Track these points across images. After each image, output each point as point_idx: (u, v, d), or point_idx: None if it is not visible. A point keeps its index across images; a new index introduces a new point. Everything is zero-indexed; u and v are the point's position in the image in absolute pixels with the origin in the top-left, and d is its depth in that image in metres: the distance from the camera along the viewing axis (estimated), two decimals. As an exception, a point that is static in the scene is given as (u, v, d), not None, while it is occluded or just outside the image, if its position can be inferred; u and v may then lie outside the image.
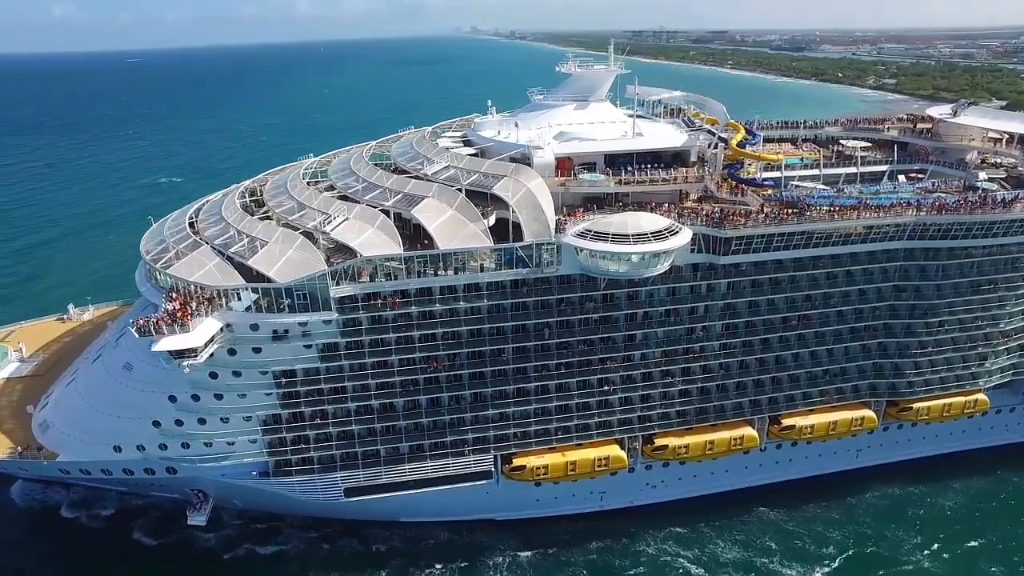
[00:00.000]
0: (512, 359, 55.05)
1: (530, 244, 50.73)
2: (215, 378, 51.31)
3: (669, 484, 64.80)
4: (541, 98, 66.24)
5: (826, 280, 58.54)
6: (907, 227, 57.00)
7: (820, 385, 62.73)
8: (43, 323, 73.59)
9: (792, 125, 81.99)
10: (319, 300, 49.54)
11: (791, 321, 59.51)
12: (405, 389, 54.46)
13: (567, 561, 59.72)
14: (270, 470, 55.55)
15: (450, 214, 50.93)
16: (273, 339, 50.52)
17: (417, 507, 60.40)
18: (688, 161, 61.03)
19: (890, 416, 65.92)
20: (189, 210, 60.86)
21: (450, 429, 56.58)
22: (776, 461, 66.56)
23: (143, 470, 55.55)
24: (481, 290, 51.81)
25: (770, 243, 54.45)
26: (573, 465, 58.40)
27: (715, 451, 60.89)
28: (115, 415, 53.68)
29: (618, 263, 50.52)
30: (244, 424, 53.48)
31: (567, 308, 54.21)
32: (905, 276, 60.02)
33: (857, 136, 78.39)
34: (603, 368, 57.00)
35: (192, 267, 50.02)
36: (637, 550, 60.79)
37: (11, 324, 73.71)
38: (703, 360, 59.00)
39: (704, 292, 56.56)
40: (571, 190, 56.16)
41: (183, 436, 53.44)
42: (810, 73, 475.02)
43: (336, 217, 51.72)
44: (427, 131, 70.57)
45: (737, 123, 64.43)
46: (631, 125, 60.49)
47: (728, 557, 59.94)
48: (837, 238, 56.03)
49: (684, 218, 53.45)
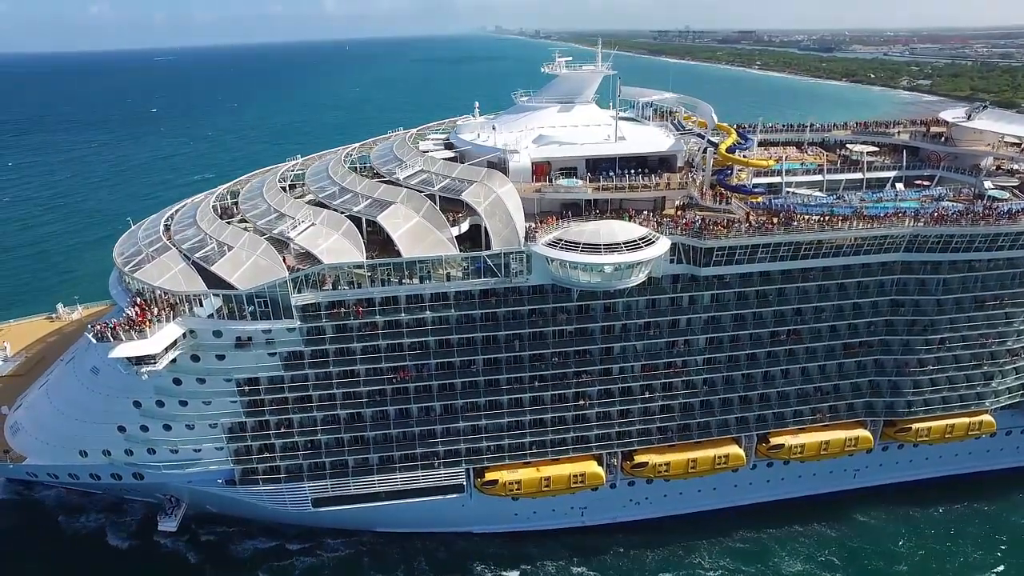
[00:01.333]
0: (483, 371, 53.32)
1: (498, 253, 48.91)
2: (179, 384, 50.51)
3: (654, 501, 62.47)
4: (526, 100, 64.35)
5: (817, 293, 55.64)
6: (904, 238, 53.84)
7: (812, 403, 59.78)
8: (31, 322, 73.84)
9: (798, 128, 78.77)
10: (281, 308, 48.34)
11: (780, 336, 56.74)
12: (372, 399, 53.08)
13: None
14: (236, 479, 54.64)
15: (416, 221, 49.37)
16: (236, 346, 49.50)
17: (392, 518, 59.08)
18: (674, 166, 58.53)
19: (887, 436, 62.61)
20: (167, 213, 60.19)
21: (420, 441, 55.07)
22: (767, 480, 63.75)
23: (110, 475, 55.07)
24: (448, 299, 50.18)
25: (754, 254, 51.80)
26: (547, 481, 56.42)
27: (698, 470, 58.38)
28: (81, 419, 53.25)
29: (590, 274, 48.43)
30: (210, 431, 52.63)
31: (539, 319, 52.23)
32: (903, 290, 56.80)
33: (866, 140, 74.99)
34: (579, 382, 54.94)
35: (157, 272, 49.09)
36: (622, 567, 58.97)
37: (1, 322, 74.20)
38: (686, 375, 56.57)
39: (686, 304, 54.13)
40: (547, 196, 54.19)
41: (149, 442, 52.80)
42: (841, 74, 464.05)
43: (302, 222, 50.51)
44: (412, 133, 69.14)
45: (728, 126, 61.61)
46: (614, 128, 58.06)
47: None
48: (828, 249, 53.13)
49: (663, 227, 51.09)
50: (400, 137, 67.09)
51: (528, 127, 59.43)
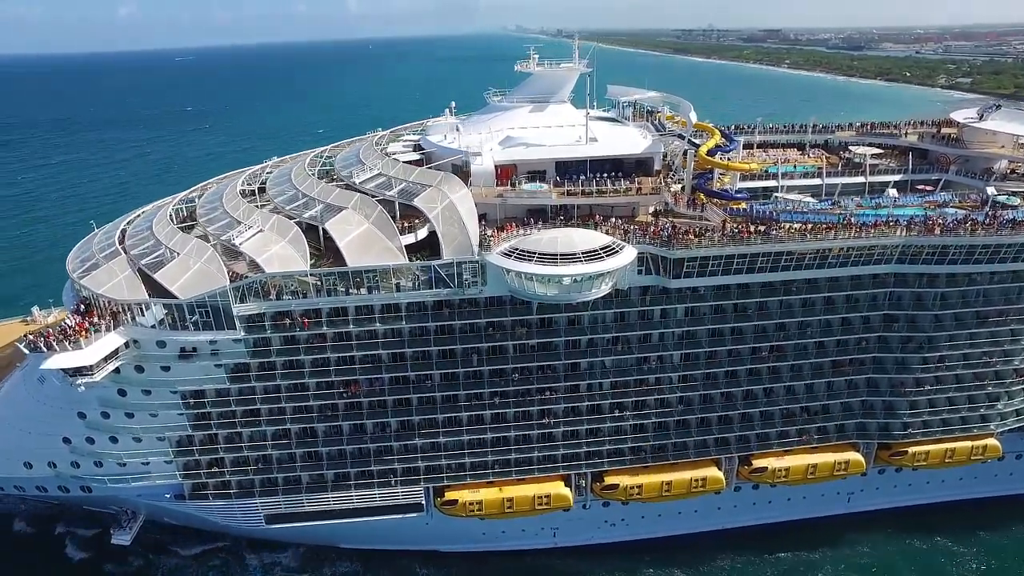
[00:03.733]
0: (439, 386, 50.58)
1: (450, 262, 46.09)
2: (124, 396, 48.76)
3: (630, 523, 59.12)
4: (498, 99, 61.32)
5: (802, 307, 51.73)
6: (896, 249, 49.65)
7: (798, 423, 55.84)
8: (6, 325, 72.92)
9: (800, 129, 74.48)
10: (223, 318, 46.16)
11: (761, 352, 52.95)
12: (324, 414, 50.72)
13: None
14: (186, 493, 52.75)
15: (365, 228, 46.77)
16: (181, 357, 47.48)
17: (353, 534, 56.80)
18: (652, 170, 55.06)
19: (882, 460, 58.32)
20: (128, 218, 58.54)
21: (375, 458, 52.55)
22: (753, 503, 59.93)
23: (56, 488, 53.60)
24: (400, 311, 47.49)
25: (729, 265, 48.11)
26: (510, 502, 53.48)
27: (673, 493, 54.86)
28: (26, 430, 51.71)
29: (546, 286, 45.30)
30: (157, 444, 50.80)
31: (497, 333, 49.29)
32: (897, 304, 52.54)
33: (872, 142, 70.38)
34: (543, 399, 51.85)
35: (102, 278, 47.35)
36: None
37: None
38: (659, 393, 53.09)
39: (657, 318, 50.69)
40: (509, 201, 51.15)
41: (95, 455, 51.15)
42: (874, 73, 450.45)
43: (249, 228, 48.29)
44: (386, 134, 66.68)
45: (712, 126, 57.79)
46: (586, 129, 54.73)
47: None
48: (812, 260, 49.16)
49: (630, 235, 47.69)
50: (373, 138, 64.70)
51: (496, 128, 56.38)
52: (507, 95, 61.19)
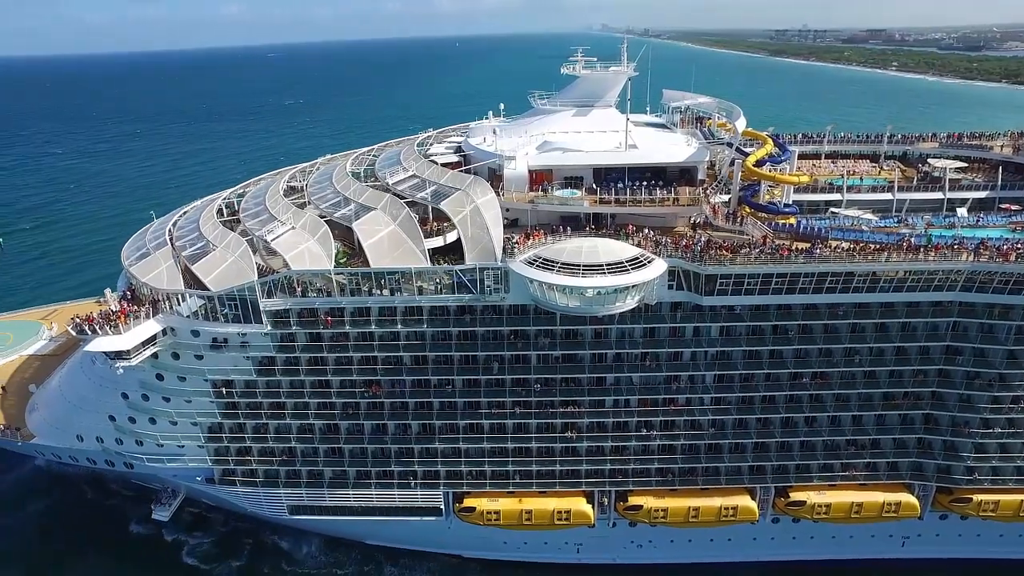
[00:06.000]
0: (461, 392, 50.00)
1: (472, 267, 45.33)
2: (161, 380, 50.95)
3: (659, 546, 56.66)
4: (543, 103, 59.93)
5: (850, 333, 47.73)
6: (960, 275, 44.89)
7: (843, 457, 51.71)
8: (81, 305, 77.93)
9: (874, 139, 69.27)
10: (251, 311, 47.33)
11: (802, 378, 49.30)
12: (346, 412, 51.21)
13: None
14: (216, 478, 54.64)
15: (391, 229, 46.73)
16: (212, 347, 49.09)
17: (377, 532, 57.36)
18: (695, 179, 52.35)
19: (941, 505, 53.15)
20: (183, 210, 61.20)
21: (396, 459, 52.65)
22: (793, 537, 56.07)
23: (104, 461, 56.77)
24: (422, 314, 47.18)
25: (767, 284, 44.93)
26: (528, 514, 52.28)
27: (700, 520, 52.03)
28: (79, 406, 55.16)
29: (568, 297, 43.76)
30: (191, 429, 52.84)
31: (520, 342, 48.17)
32: (962, 336, 47.57)
33: (959, 155, 64.41)
34: (566, 412, 50.32)
35: (146, 268, 49.65)
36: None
37: (58, 303, 79.31)
38: (690, 414, 50.43)
39: (689, 336, 48.11)
40: (539, 207, 49.81)
41: (136, 434, 53.80)
42: (999, 75, 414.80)
43: (282, 225, 49.29)
44: (432, 134, 66.70)
45: (764, 134, 54.23)
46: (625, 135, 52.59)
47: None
48: (861, 283, 45.18)
49: (661, 247, 45.40)
50: (418, 140, 64.88)
51: (535, 132, 55.16)
52: (551, 98, 59.74)
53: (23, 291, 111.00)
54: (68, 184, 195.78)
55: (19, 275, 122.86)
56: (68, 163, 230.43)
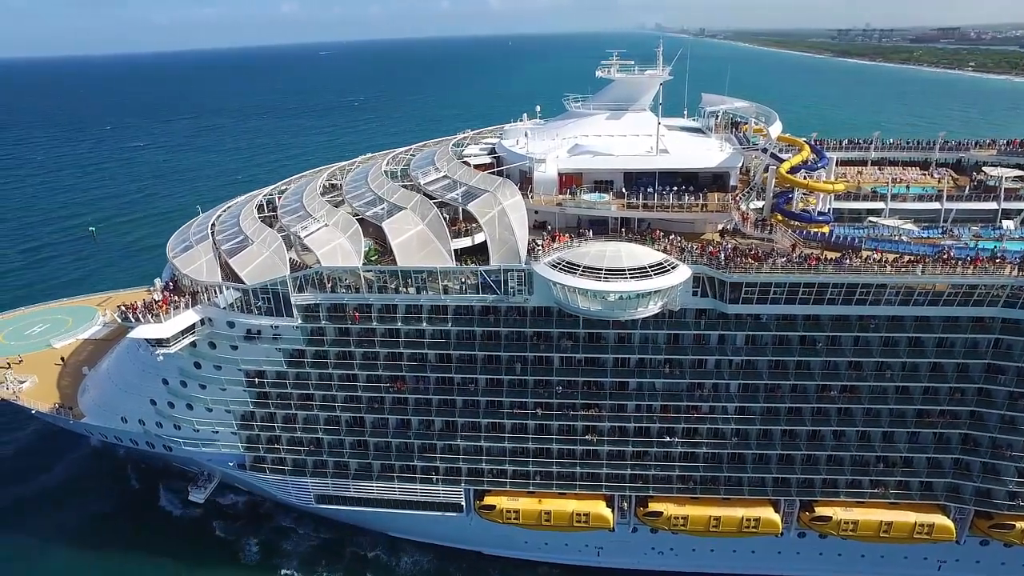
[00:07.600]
0: (484, 391, 50.57)
1: (497, 268, 45.83)
2: (199, 368, 53.09)
3: (680, 554, 56.17)
4: (578, 106, 59.95)
5: (882, 346, 46.32)
6: (1003, 290, 43.06)
7: (872, 474, 50.20)
8: (135, 292, 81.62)
9: (925, 146, 66.71)
10: (283, 305, 48.94)
11: (830, 391, 48.11)
12: (371, 406, 52.42)
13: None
14: (247, 464, 56.63)
15: (419, 229, 47.60)
16: (246, 338, 50.96)
17: (400, 524, 58.47)
18: (727, 185, 51.62)
19: (979, 530, 51.03)
20: (227, 205, 63.56)
21: (419, 454, 53.58)
22: (820, 553, 54.79)
23: (145, 443, 59.50)
24: (447, 313, 47.94)
25: (794, 294, 44.03)
26: (548, 515, 52.50)
27: (721, 530, 51.33)
28: (124, 389, 57.98)
29: (590, 300, 43.82)
30: (225, 416, 54.90)
31: (543, 343, 48.43)
32: (1006, 354, 45.59)
33: (1020, 163, 61.62)
34: (588, 415, 50.35)
35: (187, 260, 51.93)
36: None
37: (115, 290, 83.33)
38: (712, 422, 49.80)
39: (713, 343, 47.53)
40: (567, 210, 49.95)
41: (174, 418, 56.19)
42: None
43: (316, 222, 50.77)
44: (468, 135, 67.44)
45: (801, 140, 52.97)
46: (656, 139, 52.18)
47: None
48: (893, 295, 43.83)
49: (686, 254, 44.98)
50: (454, 140, 65.73)
51: (567, 135, 55.26)
52: (585, 101, 59.73)
53: (109, 278, 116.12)
54: (151, 178, 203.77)
55: (107, 262, 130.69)
56: (157, 158, 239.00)
